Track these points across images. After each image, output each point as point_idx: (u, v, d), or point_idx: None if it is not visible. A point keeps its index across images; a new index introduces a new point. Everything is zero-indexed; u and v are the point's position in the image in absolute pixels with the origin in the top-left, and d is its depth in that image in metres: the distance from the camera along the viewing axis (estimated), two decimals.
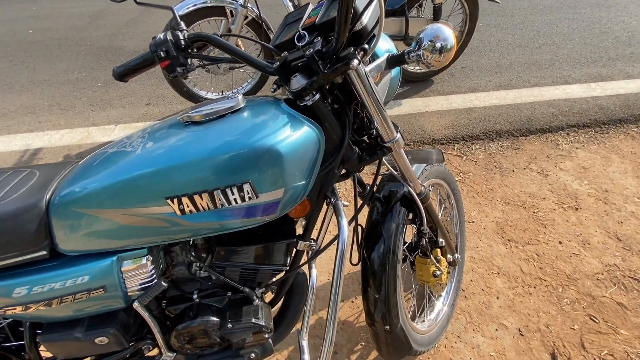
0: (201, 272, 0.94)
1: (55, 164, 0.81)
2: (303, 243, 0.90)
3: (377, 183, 1.03)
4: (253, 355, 0.98)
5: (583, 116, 2.51)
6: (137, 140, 0.71)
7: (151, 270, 0.79)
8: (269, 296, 1.02)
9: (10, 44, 3.76)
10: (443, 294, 1.41)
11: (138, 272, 0.78)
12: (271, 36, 2.29)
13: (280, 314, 1.05)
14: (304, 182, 0.74)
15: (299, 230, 0.94)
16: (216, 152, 0.65)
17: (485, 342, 1.40)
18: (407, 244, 1.16)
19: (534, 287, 1.57)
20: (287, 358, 1.33)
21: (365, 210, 1.16)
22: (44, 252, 0.71)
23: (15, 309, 0.72)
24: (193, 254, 0.89)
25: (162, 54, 0.74)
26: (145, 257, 0.77)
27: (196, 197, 0.65)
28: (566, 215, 1.88)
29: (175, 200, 0.65)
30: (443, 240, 1.09)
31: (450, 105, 2.61)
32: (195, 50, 0.79)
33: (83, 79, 3.12)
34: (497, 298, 1.54)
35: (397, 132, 0.83)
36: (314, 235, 0.96)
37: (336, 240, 0.82)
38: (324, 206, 0.90)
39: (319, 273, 1.60)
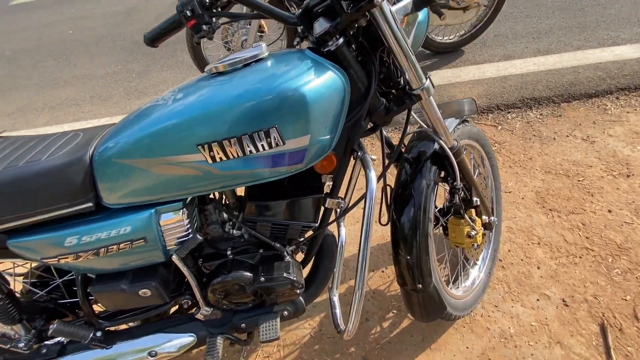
0: (234, 229, 0.97)
1: (97, 127, 0.86)
2: (331, 200, 0.90)
3: (405, 141, 1.00)
4: (286, 312, 1.01)
5: (635, 78, 2.28)
6: (169, 95, 0.74)
7: (187, 224, 0.83)
8: (299, 257, 1.04)
9: (53, 45, 4.04)
10: (479, 261, 1.36)
11: (175, 225, 0.82)
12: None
13: (311, 276, 1.06)
14: (329, 132, 0.73)
15: (327, 191, 0.94)
16: (242, 98, 0.66)
17: (525, 312, 1.34)
18: (438, 209, 1.13)
19: (580, 257, 1.47)
20: (320, 324, 1.35)
21: (393, 172, 1.13)
22: (90, 204, 0.76)
23: (67, 257, 0.79)
24: (225, 211, 0.92)
25: (189, 13, 0.75)
26: (181, 211, 0.81)
27: (225, 144, 0.67)
28: (616, 183, 1.73)
29: (206, 147, 0.67)
30: (478, 200, 1.04)
31: (482, 75, 2.47)
32: (219, 10, 0.80)
33: (119, 71, 3.29)
34: (538, 268, 1.46)
35: (426, 79, 0.79)
36: (342, 194, 0.96)
37: (364, 197, 0.81)
38: (351, 163, 0.89)
39: (348, 244, 1.60)
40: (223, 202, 0.97)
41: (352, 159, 0.86)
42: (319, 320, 1.36)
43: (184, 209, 0.81)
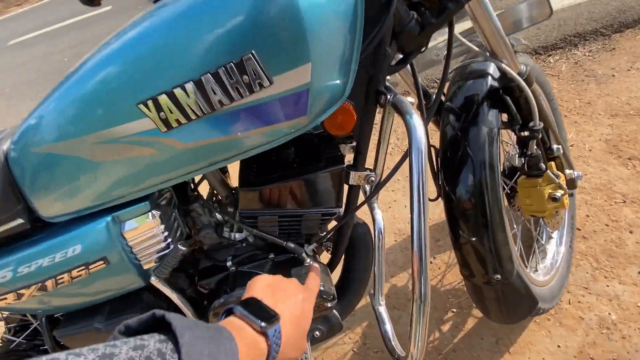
0: (233, 233, 0.73)
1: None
2: (356, 174, 0.64)
3: (449, 77, 0.72)
4: (317, 333, 0.76)
5: None
6: (100, 46, 0.50)
7: (162, 232, 0.59)
8: (324, 258, 0.79)
9: (53, 73, 3.99)
10: (554, 234, 1.06)
11: (145, 236, 0.58)
12: None
13: (343, 280, 0.81)
14: (339, 66, 0.47)
15: (350, 162, 0.68)
16: (194, 18, 0.41)
17: (626, 290, 1.03)
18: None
19: None
20: (363, 336, 1.09)
21: (433, 133, 0.85)
22: (20, 221, 0.54)
23: (6, 297, 0.57)
24: (217, 209, 0.68)
25: None
26: (150, 214, 0.57)
27: (179, 95, 0.42)
28: None
29: (151, 105, 0.42)
30: (560, 147, 0.75)
31: None
32: None
33: None
34: (631, 232, 1.14)
35: None
36: (369, 165, 0.70)
37: (407, 157, 0.53)
38: (377, 117, 0.63)
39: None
40: (214, 197, 0.73)
41: (378, 107, 0.59)
42: (360, 332, 1.10)
43: (153, 212, 0.57)
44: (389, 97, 0.57)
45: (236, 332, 0.35)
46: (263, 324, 0.38)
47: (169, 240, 0.61)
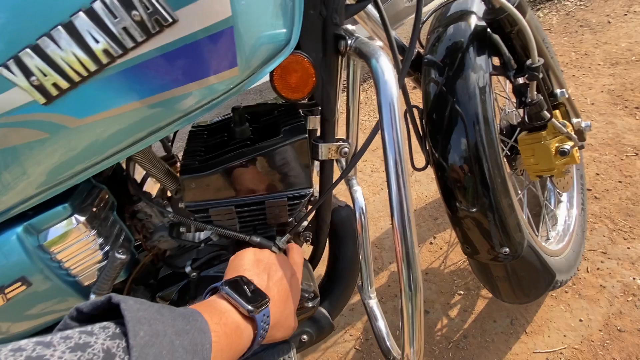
0: (191, 233, 0.63)
1: None
2: (325, 146, 0.53)
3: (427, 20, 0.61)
4: (305, 337, 0.65)
5: None
6: None
7: (95, 239, 0.49)
8: (306, 251, 0.68)
9: None
10: (563, 197, 0.95)
11: (74, 246, 0.48)
12: None
13: (330, 273, 0.70)
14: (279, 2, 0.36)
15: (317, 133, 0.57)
16: None
17: None
18: None
19: None
20: (364, 331, 0.99)
21: (413, 93, 0.74)
22: None
23: None
24: (163, 208, 0.57)
25: None
26: (73, 219, 0.46)
27: (48, 47, 0.31)
28: None
29: (15, 68, 0.31)
30: (564, 91, 0.64)
31: None
32: None
33: None
34: None
35: None
36: (342, 135, 0.59)
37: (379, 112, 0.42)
38: (340, 69, 0.52)
39: (377, 218, 1.22)
40: (163, 193, 0.62)
41: (339, 58, 0.48)
42: (362, 327, 1.00)
43: (77, 216, 0.47)
44: (349, 41, 0.45)
45: (217, 317, 0.32)
46: (251, 307, 0.35)
47: (107, 248, 0.51)
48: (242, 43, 0.35)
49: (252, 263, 0.43)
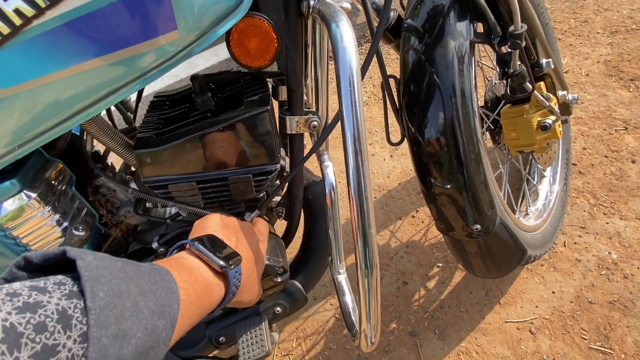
0: (157, 209, 0.61)
1: None
2: (293, 119, 0.50)
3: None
4: (279, 309, 0.66)
5: None
6: None
7: (50, 215, 0.47)
8: (280, 228, 0.67)
9: None
10: (547, 172, 0.94)
11: (27, 221, 0.46)
12: None
13: (304, 248, 0.70)
14: None
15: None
16: None
17: (628, 226, 0.93)
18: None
19: None
20: None
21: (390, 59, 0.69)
22: None
23: None
24: (124, 183, 0.55)
25: None
26: (23, 194, 0.44)
27: None
28: None
29: None
30: (550, 61, 0.60)
31: None
32: None
33: None
34: (633, 162, 1.02)
35: None
36: (311, 106, 0.56)
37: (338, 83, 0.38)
38: (306, 33, 0.48)
39: None
40: (127, 167, 0.60)
41: (302, 21, 0.44)
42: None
43: (26, 191, 0.45)
44: (312, 2, 0.41)
45: (187, 275, 0.30)
46: (223, 263, 0.33)
47: (65, 224, 0.49)
48: (180, 2, 0.31)
49: (219, 226, 0.41)
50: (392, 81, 0.59)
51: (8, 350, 0.17)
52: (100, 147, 0.59)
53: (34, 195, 0.45)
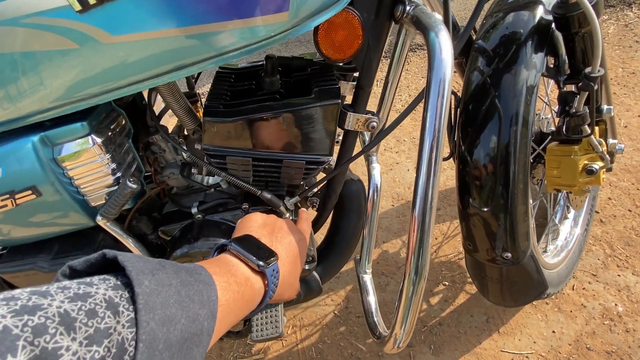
0: (202, 176, 0.62)
1: None
2: (354, 116, 0.51)
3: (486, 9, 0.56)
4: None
5: None
6: None
7: (108, 163, 0.48)
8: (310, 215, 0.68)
9: None
10: (570, 214, 0.95)
11: (87, 166, 0.47)
12: None
13: (328, 241, 0.71)
14: None
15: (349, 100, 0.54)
16: None
17: (639, 282, 0.94)
18: None
19: None
20: (346, 299, 1.03)
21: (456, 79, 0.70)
22: None
23: None
24: (180, 145, 0.56)
25: None
26: (90, 138, 0.46)
27: None
28: None
29: None
30: (611, 108, 0.61)
31: None
32: None
33: None
34: None
35: None
36: (371, 107, 0.56)
37: (425, 92, 0.39)
38: (388, 36, 0.48)
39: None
40: (180, 131, 0.61)
41: (391, 24, 0.45)
42: (344, 295, 1.04)
43: (93, 136, 0.46)
44: (408, 8, 0.42)
45: (225, 269, 0.32)
46: (261, 262, 0.35)
47: (118, 174, 0.51)
48: None
49: (260, 225, 0.44)
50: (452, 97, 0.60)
51: (66, 331, 0.18)
52: (156, 107, 0.60)
53: (99, 140, 0.46)
